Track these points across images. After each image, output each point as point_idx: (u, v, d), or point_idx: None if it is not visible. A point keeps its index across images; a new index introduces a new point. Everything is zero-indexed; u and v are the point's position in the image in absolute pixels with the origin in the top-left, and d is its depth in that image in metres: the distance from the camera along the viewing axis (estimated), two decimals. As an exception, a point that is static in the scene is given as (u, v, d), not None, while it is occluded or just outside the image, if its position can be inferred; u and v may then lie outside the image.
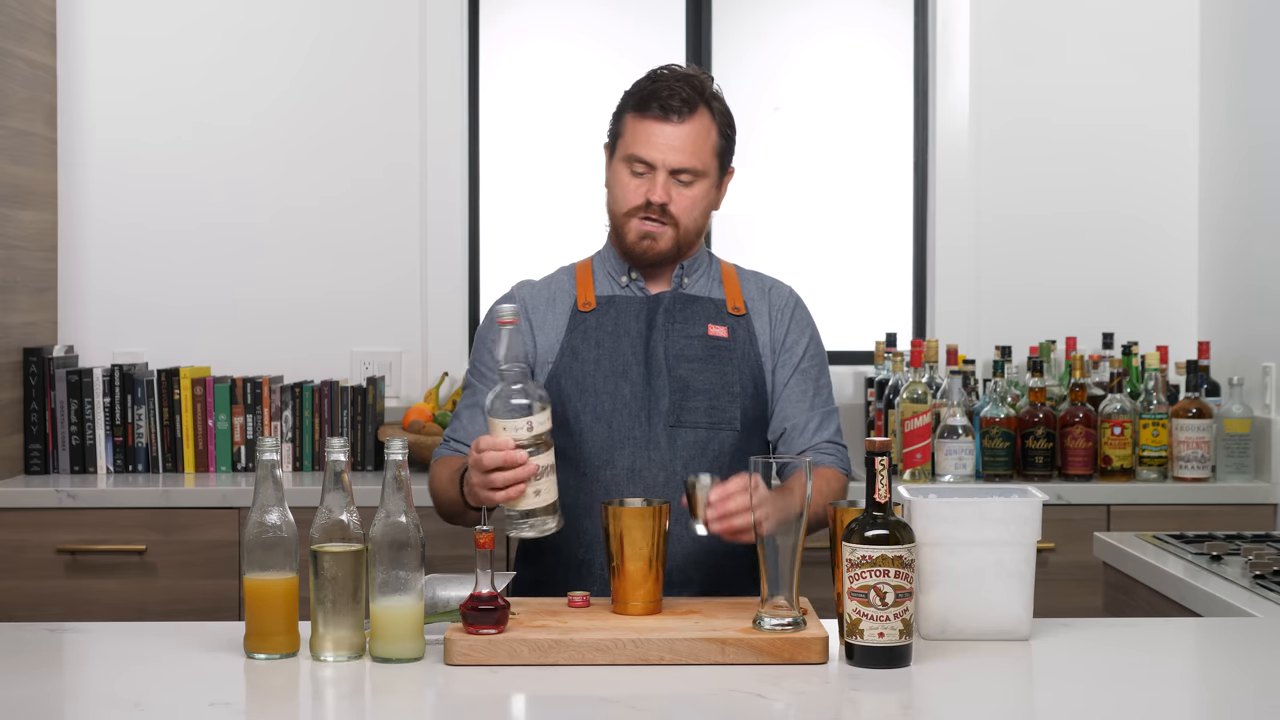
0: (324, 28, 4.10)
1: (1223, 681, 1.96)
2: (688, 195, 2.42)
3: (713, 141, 2.44)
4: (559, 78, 4.21)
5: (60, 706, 1.82)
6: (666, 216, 2.42)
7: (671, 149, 2.40)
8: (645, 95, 2.43)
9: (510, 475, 2.10)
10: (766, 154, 4.27)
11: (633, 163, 2.42)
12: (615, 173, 2.46)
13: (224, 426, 3.85)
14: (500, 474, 2.10)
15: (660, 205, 2.41)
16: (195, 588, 3.48)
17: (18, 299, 3.78)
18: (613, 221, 2.49)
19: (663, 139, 2.40)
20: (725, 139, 2.46)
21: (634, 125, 2.43)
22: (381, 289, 4.10)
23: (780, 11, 4.26)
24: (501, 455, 2.09)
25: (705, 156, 2.43)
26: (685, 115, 2.40)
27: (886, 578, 1.86)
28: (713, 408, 2.42)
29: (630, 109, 2.45)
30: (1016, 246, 4.13)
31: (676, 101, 2.40)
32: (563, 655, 1.90)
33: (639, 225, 2.43)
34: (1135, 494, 3.59)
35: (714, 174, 2.46)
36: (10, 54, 3.73)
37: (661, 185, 2.40)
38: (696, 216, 2.45)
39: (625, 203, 2.44)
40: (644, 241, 2.43)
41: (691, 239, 2.47)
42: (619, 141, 2.46)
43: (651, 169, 2.41)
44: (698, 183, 2.43)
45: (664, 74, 2.44)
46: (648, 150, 2.40)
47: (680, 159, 2.40)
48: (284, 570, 1.95)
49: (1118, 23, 4.13)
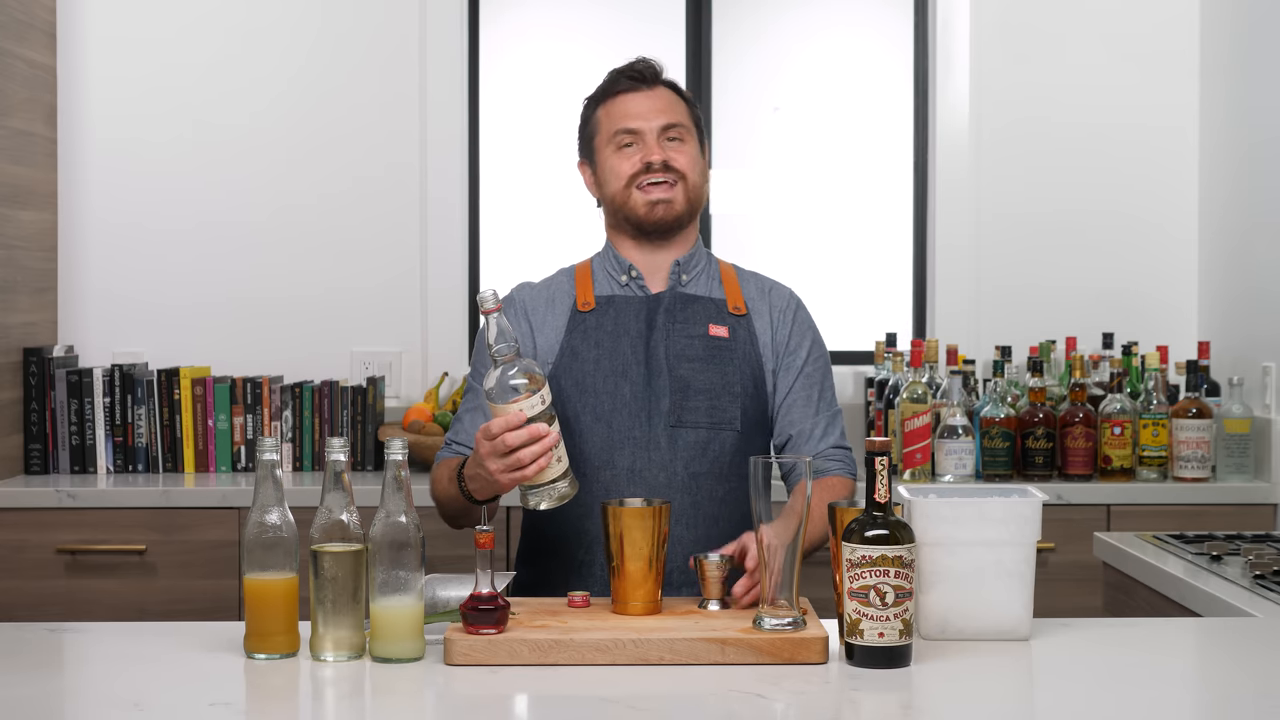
0: (324, 27, 4.10)
1: (1223, 681, 1.96)
2: (685, 150, 2.48)
3: (683, 108, 2.52)
4: (559, 78, 4.21)
5: (60, 706, 1.82)
6: (671, 173, 2.46)
7: (652, 111, 2.47)
8: (609, 81, 2.53)
9: (538, 448, 2.10)
10: (766, 154, 4.28)
11: (618, 139, 2.47)
12: (604, 160, 2.50)
13: (224, 426, 3.85)
14: (528, 450, 2.10)
15: (662, 163, 2.45)
16: (195, 588, 3.48)
17: (18, 299, 3.78)
18: (614, 204, 2.49)
19: (639, 105, 2.48)
20: (694, 110, 2.54)
21: (608, 109, 2.50)
22: (382, 289, 4.10)
23: (780, 11, 4.26)
24: (525, 432, 2.10)
25: (684, 116, 2.50)
26: (652, 83, 2.50)
27: (886, 578, 1.86)
28: (713, 408, 2.42)
29: (599, 101, 2.53)
30: (1016, 246, 4.13)
31: (640, 68, 2.50)
32: (563, 655, 1.90)
33: (644, 194, 2.46)
34: (1135, 494, 3.60)
35: (696, 139, 2.51)
36: (10, 54, 3.73)
37: (655, 145, 2.46)
38: (698, 173, 2.50)
39: (623, 174, 2.47)
40: (658, 207, 2.46)
41: (698, 198, 2.51)
42: (597, 137, 2.51)
43: (639, 135, 2.46)
44: (688, 140, 2.49)
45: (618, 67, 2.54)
46: (630, 120, 2.47)
47: (664, 117, 2.47)
48: (284, 570, 1.95)
49: (1118, 22, 4.13)
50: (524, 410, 2.10)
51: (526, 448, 2.11)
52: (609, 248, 2.54)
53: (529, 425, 2.10)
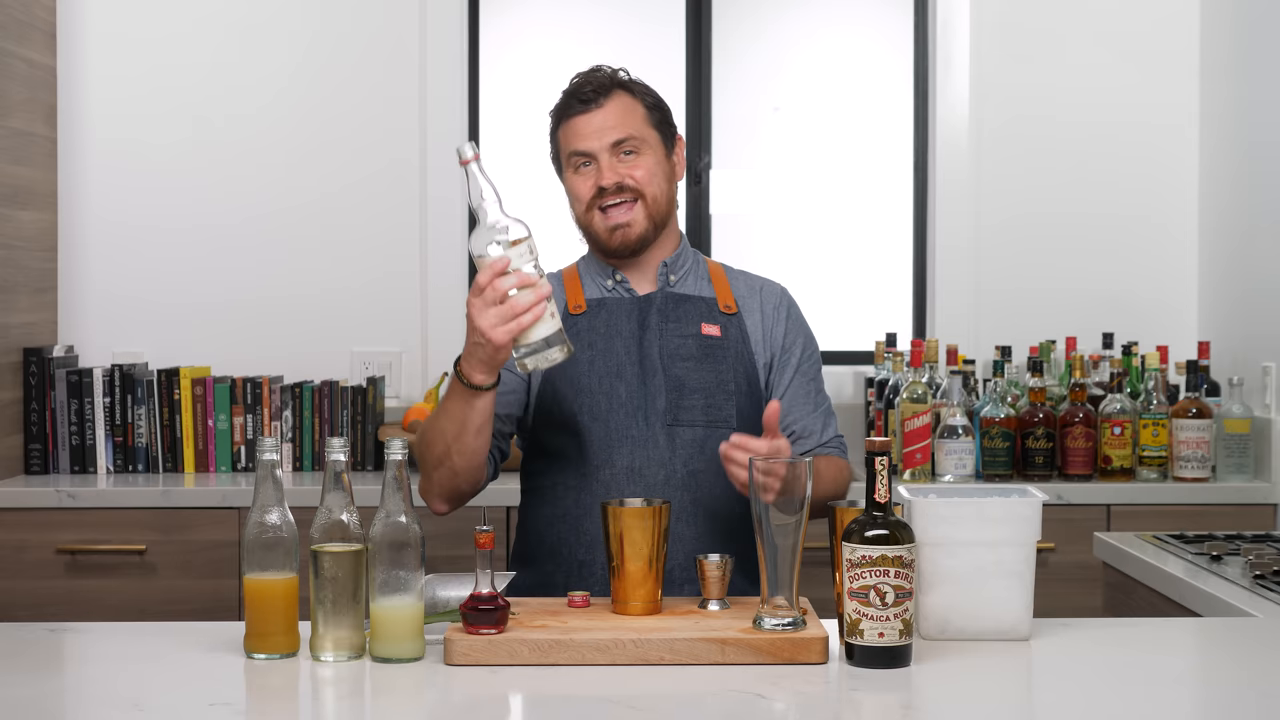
0: (324, 26, 4.10)
1: (1223, 681, 1.96)
2: (640, 164, 2.44)
3: (640, 113, 2.47)
4: (559, 78, 4.19)
5: (60, 706, 1.82)
6: (626, 193, 2.43)
7: (599, 130, 2.44)
8: (564, 101, 2.49)
9: (531, 295, 2.07)
10: (766, 154, 4.28)
11: (574, 161, 2.46)
12: (566, 182, 2.50)
13: (224, 426, 3.85)
14: (524, 295, 2.06)
15: (615, 185, 2.42)
16: (195, 588, 3.48)
17: (18, 299, 3.78)
18: (581, 227, 2.51)
19: (588, 126, 2.44)
20: (655, 109, 2.49)
21: (564, 131, 2.48)
22: (382, 288, 4.10)
23: (780, 11, 4.26)
24: (516, 277, 2.06)
25: (636, 126, 2.45)
26: (602, 99, 2.45)
27: (886, 578, 1.86)
28: (709, 405, 2.42)
29: (558, 121, 2.50)
30: (1016, 246, 4.13)
31: (588, 90, 2.46)
32: (563, 655, 1.90)
33: (603, 219, 2.45)
34: (1135, 494, 3.59)
35: (657, 143, 2.47)
36: (10, 54, 3.73)
37: (607, 167, 2.43)
38: (659, 184, 2.46)
39: (582, 197, 2.46)
40: (616, 232, 2.45)
41: (663, 210, 2.47)
42: (560, 156, 2.51)
43: (591, 158, 2.44)
44: (644, 152, 2.45)
45: (574, 80, 2.50)
46: (580, 142, 2.44)
47: (611, 135, 2.43)
48: (284, 570, 1.95)
49: (1117, 22, 4.13)
50: (510, 259, 2.07)
51: (520, 295, 2.07)
52: (592, 255, 2.56)
53: (519, 273, 2.07)
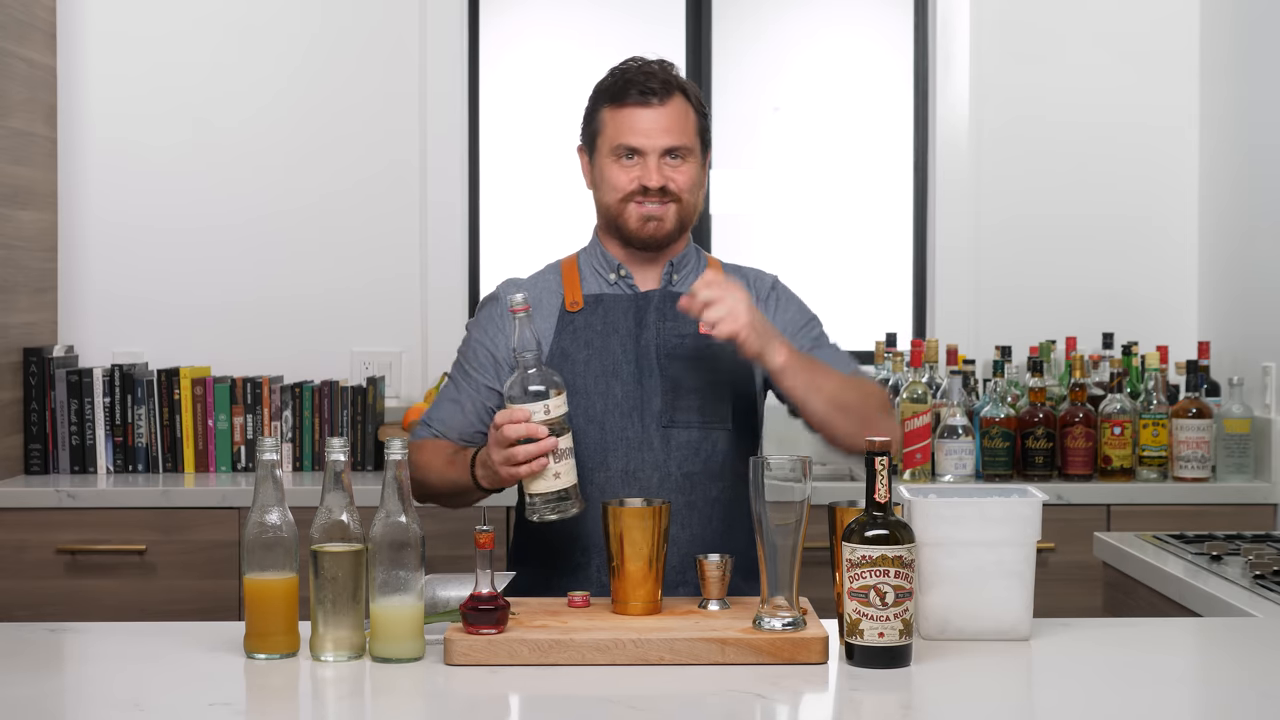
0: (324, 26, 4.10)
1: (1223, 681, 1.96)
2: (684, 171, 2.43)
3: (693, 121, 2.46)
4: (559, 77, 4.21)
5: (60, 706, 1.82)
6: (667, 195, 2.43)
7: (658, 131, 2.41)
8: (620, 86, 2.44)
9: (534, 449, 2.14)
10: (766, 154, 4.28)
11: (620, 153, 2.43)
12: (602, 167, 2.46)
13: (224, 426, 3.85)
14: (523, 448, 2.14)
15: (659, 188, 2.41)
16: (195, 588, 3.48)
17: (18, 299, 3.78)
18: (608, 213, 2.47)
19: (647, 123, 2.41)
20: (703, 117, 2.49)
21: (614, 117, 2.44)
22: (382, 289, 4.10)
23: (780, 11, 4.26)
24: (523, 428, 2.14)
25: (689, 135, 2.44)
26: (664, 98, 2.42)
27: (886, 578, 1.86)
28: (705, 406, 2.42)
29: (606, 102, 2.46)
30: (1016, 246, 4.13)
31: (654, 84, 2.42)
32: (563, 655, 1.90)
33: (638, 210, 2.43)
34: (1135, 494, 3.60)
35: (699, 152, 2.47)
36: (10, 54, 3.73)
37: (655, 169, 2.41)
38: (695, 192, 2.47)
39: (619, 188, 2.43)
40: (649, 224, 2.43)
41: (691, 215, 2.48)
42: (599, 138, 2.46)
43: (641, 154, 2.42)
44: (689, 160, 2.44)
45: (632, 65, 2.46)
46: (634, 137, 2.41)
47: (668, 139, 2.41)
48: (284, 570, 1.95)
49: (1117, 22, 4.13)
50: (532, 412, 2.15)
51: (522, 445, 2.14)
52: (596, 244, 2.53)
53: (528, 424, 2.14)
